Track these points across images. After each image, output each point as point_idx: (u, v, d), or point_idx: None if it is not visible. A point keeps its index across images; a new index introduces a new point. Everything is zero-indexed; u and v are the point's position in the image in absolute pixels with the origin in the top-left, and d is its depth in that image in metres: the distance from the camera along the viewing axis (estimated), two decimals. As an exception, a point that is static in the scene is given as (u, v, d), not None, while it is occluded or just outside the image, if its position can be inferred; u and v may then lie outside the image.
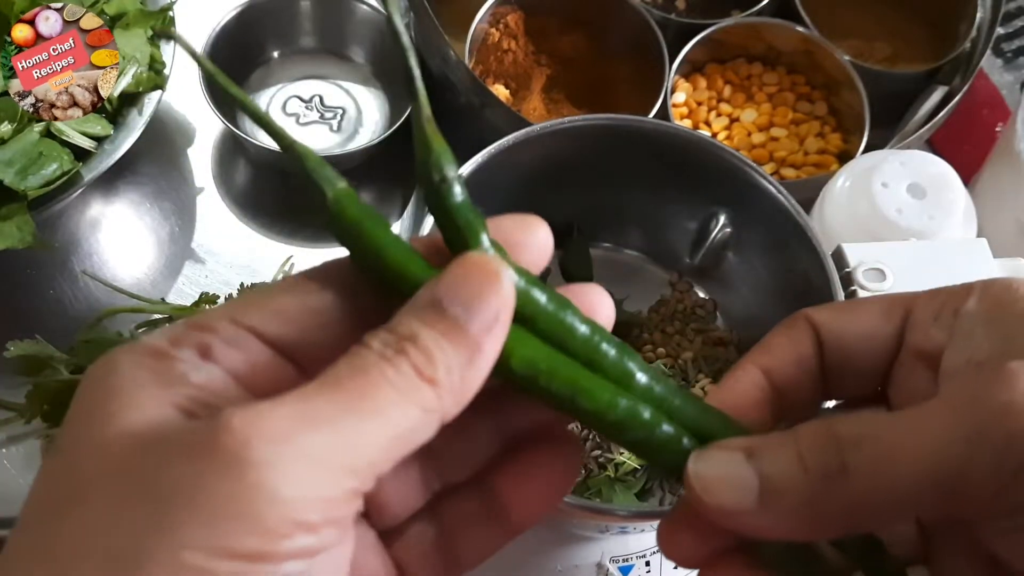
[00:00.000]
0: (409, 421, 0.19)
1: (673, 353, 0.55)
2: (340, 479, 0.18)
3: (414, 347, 0.20)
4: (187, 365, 0.20)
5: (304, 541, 0.18)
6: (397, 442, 0.19)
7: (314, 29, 0.75)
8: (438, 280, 0.21)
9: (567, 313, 0.23)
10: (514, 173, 0.50)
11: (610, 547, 0.52)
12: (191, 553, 0.17)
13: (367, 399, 0.19)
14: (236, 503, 0.18)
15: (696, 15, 0.76)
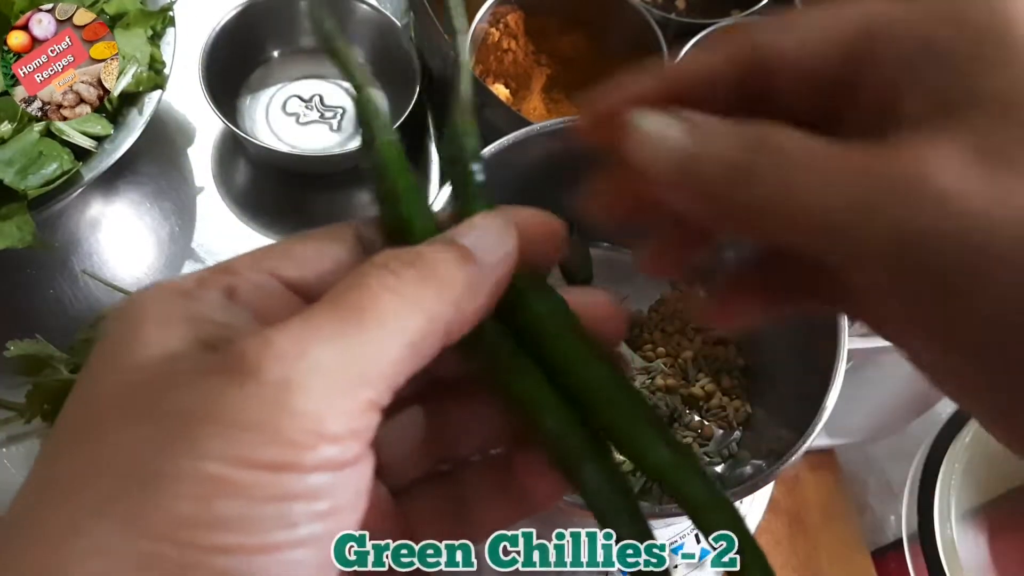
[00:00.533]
0: (415, 327, 0.20)
1: (673, 352, 0.55)
2: (355, 389, 0.19)
3: (419, 259, 0.20)
4: (212, 305, 0.21)
5: (328, 452, 0.18)
6: (407, 351, 0.19)
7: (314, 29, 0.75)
8: (451, 228, 0.22)
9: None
10: (514, 173, 0.50)
11: (610, 546, 0.52)
12: (212, 463, 0.18)
13: (367, 309, 0.19)
14: (255, 415, 0.18)
15: (696, 15, 0.76)
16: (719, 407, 0.54)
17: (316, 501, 0.18)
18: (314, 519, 0.18)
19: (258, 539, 0.18)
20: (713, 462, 0.52)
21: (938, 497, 0.58)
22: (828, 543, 0.67)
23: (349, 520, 0.19)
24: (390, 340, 0.19)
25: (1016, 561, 0.61)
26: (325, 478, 0.18)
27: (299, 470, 0.18)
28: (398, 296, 0.20)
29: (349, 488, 0.19)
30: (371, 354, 0.19)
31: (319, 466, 0.18)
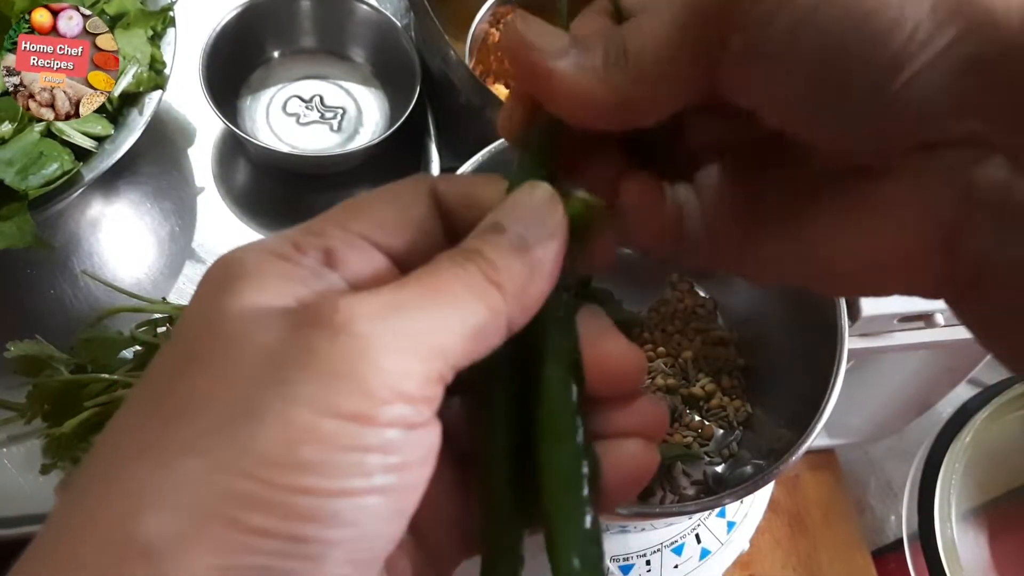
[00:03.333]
0: (479, 317, 0.21)
1: (673, 352, 0.55)
2: (429, 358, 0.20)
3: (480, 257, 0.22)
4: (309, 271, 0.22)
5: (403, 410, 0.20)
6: (471, 336, 0.21)
7: (314, 29, 0.75)
8: (499, 207, 0.23)
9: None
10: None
11: (610, 546, 0.52)
12: (301, 409, 0.19)
13: (443, 293, 0.21)
14: (344, 365, 0.19)
15: (696, 15, 0.76)
16: (719, 407, 0.54)
17: (390, 454, 0.20)
18: (387, 471, 0.20)
19: (336, 484, 0.19)
20: (713, 462, 0.52)
21: (938, 497, 0.58)
22: (828, 543, 0.67)
23: (419, 476, 0.21)
24: (458, 323, 0.21)
25: (1016, 561, 0.61)
26: (398, 434, 0.20)
27: (377, 423, 0.19)
28: (467, 289, 0.21)
29: (420, 447, 0.20)
30: (443, 330, 0.21)
31: (394, 422, 0.20)
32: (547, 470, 0.23)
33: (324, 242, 0.22)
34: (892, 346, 0.50)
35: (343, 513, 0.19)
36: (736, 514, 0.55)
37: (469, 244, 0.22)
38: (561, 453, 0.23)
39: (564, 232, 0.23)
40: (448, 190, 0.24)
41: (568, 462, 0.23)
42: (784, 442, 0.44)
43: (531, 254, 0.22)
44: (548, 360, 0.24)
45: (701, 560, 0.53)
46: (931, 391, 0.60)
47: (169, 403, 0.20)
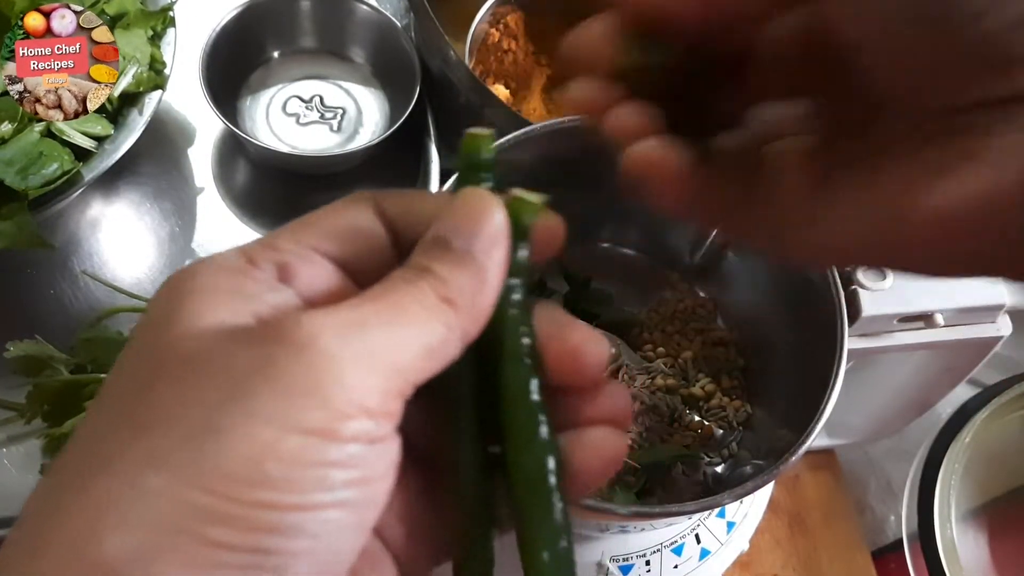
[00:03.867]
0: (436, 335, 0.22)
1: (673, 353, 0.55)
2: (389, 374, 0.21)
3: (430, 275, 0.22)
4: (265, 285, 0.22)
5: (365, 425, 0.20)
6: (428, 353, 0.22)
7: (314, 29, 0.75)
8: (442, 218, 0.23)
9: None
10: (514, 172, 0.50)
11: (610, 546, 0.52)
12: (265, 426, 0.19)
13: (400, 311, 0.22)
14: (307, 381, 0.20)
15: (696, 15, 0.76)
16: (719, 407, 0.54)
17: (352, 469, 0.20)
18: (349, 485, 0.20)
19: (299, 498, 0.19)
20: (713, 462, 0.52)
21: (938, 497, 0.58)
22: (828, 543, 0.67)
23: (380, 489, 0.21)
24: (416, 340, 0.21)
25: (1016, 561, 0.61)
26: (361, 449, 0.20)
27: (340, 438, 0.20)
28: (422, 307, 0.22)
29: (381, 461, 0.21)
30: (402, 348, 0.21)
31: (357, 437, 0.20)
32: (514, 468, 0.24)
33: (278, 256, 0.22)
34: (892, 346, 0.50)
35: (306, 526, 0.20)
36: (736, 514, 0.55)
37: (418, 261, 0.23)
38: (526, 451, 0.23)
39: (505, 237, 0.23)
40: (391, 204, 0.25)
41: (534, 459, 0.23)
42: (784, 442, 0.44)
43: (477, 265, 0.23)
44: (505, 360, 0.24)
45: (701, 560, 0.53)
46: (931, 391, 0.60)
47: (132, 419, 0.20)
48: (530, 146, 0.49)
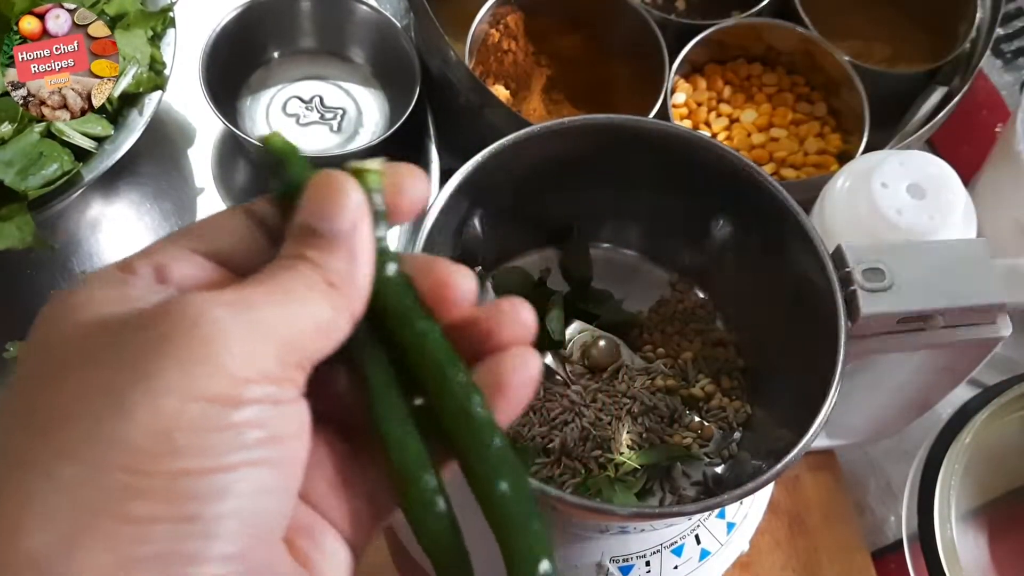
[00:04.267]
0: (323, 314, 0.23)
1: (673, 353, 0.55)
2: (282, 344, 0.22)
3: (305, 261, 0.23)
4: (144, 288, 0.23)
5: (266, 389, 0.21)
6: (317, 330, 0.23)
7: (314, 30, 0.75)
8: (302, 208, 0.24)
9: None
10: (514, 173, 0.50)
11: (610, 547, 0.52)
12: (168, 398, 0.20)
13: (285, 291, 0.23)
14: (203, 352, 0.20)
15: (696, 16, 0.77)
16: (719, 408, 0.54)
17: (260, 428, 0.21)
18: (261, 444, 0.21)
19: (212, 462, 0.20)
20: (713, 463, 0.52)
21: (938, 498, 0.58)
22: (828, 544, 0.67)
23: (295, 450, 0.22)
24: (305, 318, 0.22)
25: (1016, 562, 0.61)
26: (265, 410, 0.21)
27: (242, 402, 0.21)
28: (307, 287, 0.23)
29: (290, 421, 0.22)
30: (293, 322, 0.22)
31: (259, 399, 0.21)
32: (443, 415, 0.24)
33: (154, 260, 0.23)
34: (891, 347, 0.50)
35: (225, 488, 0.20)
36: (736, 515, 0.55)
37: (290, 250, 0.24)
38: (447, 394, 0.24)
39: (366, 211, 0.24)
40: (258, 206, 0.26)
41: (455, 400, 0.24)
42: (784, 443, 0.44)
43: (347, 245, 0.23)
44: (398, 319, 0.25)
45: (701, 561, 0.53)
46: (931, 392, 0.60)
47: (39, 417, 0.21)
48: (530, 147, 0.49)
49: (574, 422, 0.51)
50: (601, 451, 0.50)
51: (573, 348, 0.54)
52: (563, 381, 0.53)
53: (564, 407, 0.51)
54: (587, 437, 0.51)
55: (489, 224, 0.53)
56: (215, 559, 0.20)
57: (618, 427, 0.51)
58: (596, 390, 0.52)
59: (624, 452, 0.50)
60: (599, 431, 0.50)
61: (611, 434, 0.51)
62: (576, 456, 0.50)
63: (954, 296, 0.49)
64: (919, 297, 0.49)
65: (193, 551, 0.20)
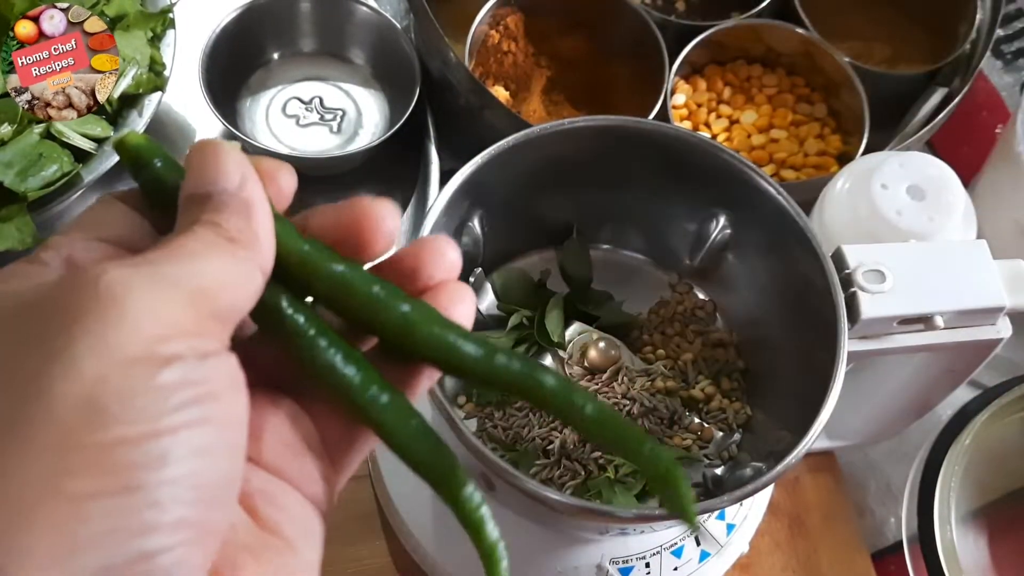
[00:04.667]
0: (229, 267, 0.22)
1: (673, 355, 0.55)
2: (195, 299, 0.21)
3: (204, 223, 0.23)
4: (50, 271, 0.22)
5: (187, 343, 0.20)
6: (228, 284, 0.22)
7: (314, 31, 0.75)
8: (185, 181, 0.24)
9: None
10: (514, 174, 0.50)
11: (610, 549, 0.52)
12: (87, 368, 0.19)
13: (188, 251, 0.22)
14: (114, 314, 0.20)
15: (696, 17, 0.77)
16: (719, 409, 0.54)
17: (193, 387, 0.20)
18: (197, 402, 0.20)
19: (146, 427, 0.19)
20: (713, 464, 0.52)
21: (938, 499, 0.58)
22: (828, 545, 0.67)
23: (233, 405, 0.22)
24: (213, 273, 0.22)
25: (1016, 563, 0.61)
26: (193, 366, 0.20)
27: (165, 359, 0.20)
28: (206, 245, 0.22)
29: (221, 375, 0.21)
30: (200, 277, 0.22)
31: (182, 355, 0.20)
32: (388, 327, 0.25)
33: (60, 251, 0.23)
34: (892, 348, 0.50)
35: (164, 453, 0.19)
36: (736, 516, 0.55)
37: (185, 219, 0.23)
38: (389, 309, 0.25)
39: (251, 166, 0.24)
40: (129, 193, 0.26)
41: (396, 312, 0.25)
42: (784, 444, 0.44)
43: (240, 201, 0.23)
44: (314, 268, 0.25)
45: (701, 562, 0.53)
46: (931, 393, 0.60)
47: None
48: (530, 148, 0.49)
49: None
50: (601, 452, 0.50)
51: (573, 349, 0.54)
52: (563, 382, 0.53)
53: (564, 408, 0.51)
54: (587, 439, 0.51)
55: (489, 225, 0.53)
56: (165, 528, 0.19)
57: (618, 428, 0.51)
58: (596, 392, 0.52)
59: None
60: (599, 432, 0.50)
61: (611, 435, 0.51)
62: (576, 458, 0.50)
63: (954, 298, 0.49)
64: (919, 299, 0.49)
65: (141, 522, 0.19)
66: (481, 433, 0.52)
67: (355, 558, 0.60)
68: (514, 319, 0.54)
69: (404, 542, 0.54)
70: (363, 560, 0.60)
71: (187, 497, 0.20)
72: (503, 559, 0.25)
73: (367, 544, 0.60)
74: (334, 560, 0.61)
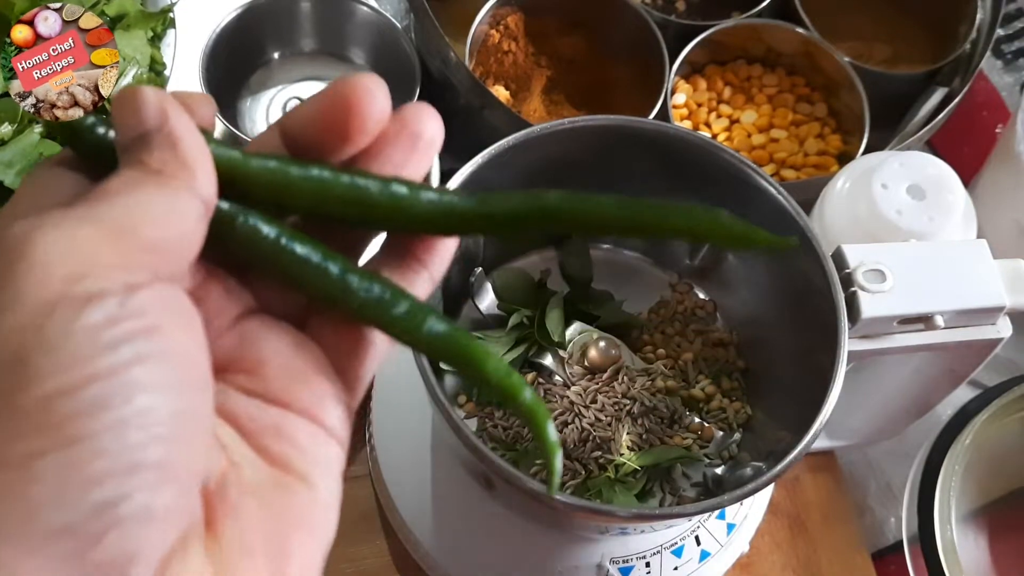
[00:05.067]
0: (156, 199, 0.21)
1: (673, 354, 0.55)
2: (114, 234, 0.20)
3: (130, 166, 0.22)
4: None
5: (109, 278, 0.19)
6: (158, 216, 0.21)
7: (314, 31, 0.75)
8: (115, 136, 0.23)
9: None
10: (514, 174, 0.50)
11: (610, 548, 0.52)
12: (2, 319, 0.18)
13: (108, 192, 0.21)
14: (21, 264, 0.19)
15: (696, 17, 0.77)
16: (719, 409, 0.54)
17: (121, 322, 0.19)
18: (128, 338, 0.19)
19: (78, 373, 0.18)
20: (713, 464, 0.52)
21: (938, 499, 0.58)
22: (828, 545, 0.67)
23: (182, 339, 0.20)
24: (134, 207, 0.21)
25: (1016, 563, 0.61)
26: (117, 302, 0.19)
27: (86, 300, 0.19)
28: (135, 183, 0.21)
29: (157, 308, 0.20)
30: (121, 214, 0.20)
31: (104, 292, 0.19)
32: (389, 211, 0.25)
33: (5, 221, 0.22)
34: (892, 348, 0.50)
35: (107, 396, 0.18)
36: (736, 516, 0.55)
37: (120, 164, 0.22)
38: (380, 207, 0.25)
39: (171, 99, 0.23)
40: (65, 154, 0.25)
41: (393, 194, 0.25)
42: (784, 444, 0.44)
43: (162, 135, 0.22)
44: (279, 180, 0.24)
45: (701, 562, 0.53)
46: (931, 393, 0.60)
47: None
48: (530, 148, 0.49)
49: (574, 423, 0.51)
50: (601, 452, 0.50)
51: (573, 349, 0.54)
52: (563, 382, 0.53)
53: (564, 408, 0.51)
54: (587, 438, 0.51)
55: (489, 225, 0.53)
56: (118, 474, 0.18)
57: (618, 428, 0.51)
58: (596, 391, 0.52)
59: (624, 453, 0.50)
60: (599, 432, 0.50)
61: (611, 435, 0.51)
62: (576, 457, 0.50)
63: (954, 297, 0.49)
64: (919, 298, 0.49)
65: (91, 473, 0.18)
66: (481, 433, 0.52)
67: (355, 558, 0.60)
68: (514, 319, 0.54)
69: (404, 542, 0.54)
70: (363, 560, 0.60)
71: (137, 439, 0.18)
72: (548, 418, 0.25)
73: (367, 544, 0.60)
74: (334, 560, 0.61)
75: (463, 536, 0.52)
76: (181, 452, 0.20)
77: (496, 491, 0.48)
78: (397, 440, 0.56)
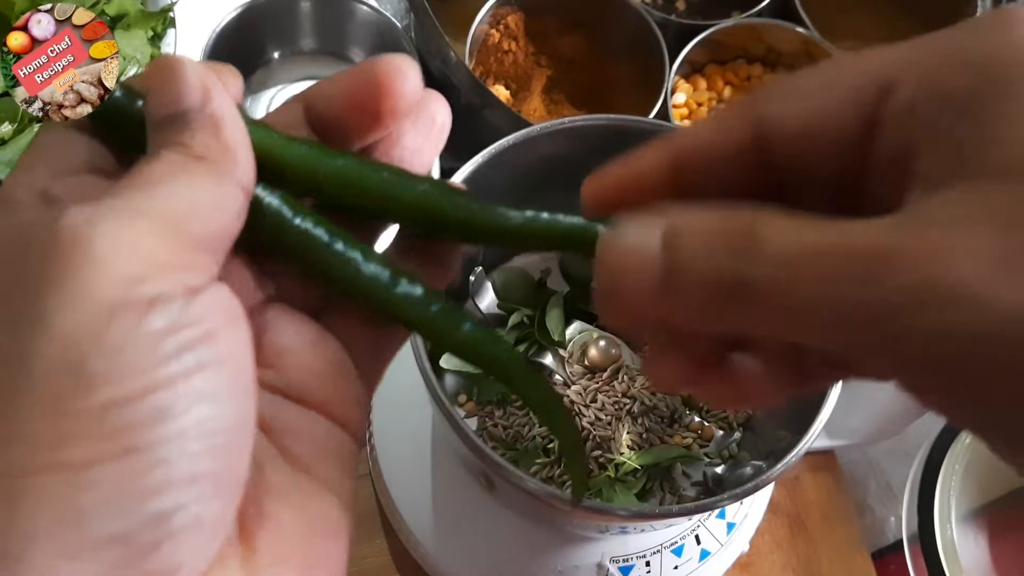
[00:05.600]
0: (202, 188, 0.20)
1: (673, 354, 0.55)
2: (167, 228, 0.19)
3: (171, 147, 0.21)
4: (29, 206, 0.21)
5: (169, 280, 0.19)
6: (203, 206, 0.20)
7: (314, 30, 0.75)
8: (148, 103, 0.22)
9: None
10: (514, 173, 0.50)
11: (610, 547, 0.52)
12: (59, 320, 0.17)
13: (155, 178, 0.20)
14: (79, 259, 0.18)
15: (696, 16, 0.77)
16: (719, 408, 0.54)
17: (182, 330, 0.18)
18: (190, 346, 0.18)
19: (139, 382, 0.18)
20: (713, 463, 0.52)
21: (938, 498, 0.58)
22: (828, 544, 0.67)
23: (235, 341, 0.20)
24: (184, 197, 0.20)
25: (1016, 563, 0.61)
26: (182, 307, 0.19)
27: (150, 304, 0.18)
28: (180, 169, 0.20)
29: (215, 312, 0.19)
30: (170, 202, 0.20)
31: (167, 295, 0.18)
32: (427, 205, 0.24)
33: (31, 189, 0.21)
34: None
35: (167, 407, 0.18)
36: (736, 515, 0.55)
37: (154, 143, 0.21)
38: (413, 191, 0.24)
39: (214, 77, 0.22)
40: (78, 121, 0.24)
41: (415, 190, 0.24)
42: (784, 443, 0.44)
43: (205, 116, 0.21)
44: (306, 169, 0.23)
45: (701, 561, 0.53)
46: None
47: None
48: (530, 147, 0.49)
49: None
50: (601, 451, 0.50)
51: (573, 348, 0.54)
52: (563, 381, 0.53)
53: (564, 407, 0.51)
54: (587, 437, 0.51)
55: (489, 224, 0.53)
56: (177, 485, 0.18)
57: (618, 427, 0.51)
58: (596, 390, 0.52)
59: (624, 452, 0.50)
60: (599, 431, 0.50)
61: (611, 434, 0.51)
62: (576, 456, 0.50)
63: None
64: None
65: (150, 483, 0.17)
66: (482, 432, 0.52)
67: (355, 557, 0.60)
68: (514, 318, 0.54)
69: (404, 541, 0.54)
70: (363, 559, 0.60)
71: (196, 449, 0.18)
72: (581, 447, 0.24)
73: (367, 543, 0.60)
74: (334, 559, 0.61)
75: (463, 536, 0.52)
76: (234, 459, 0.19)
77: (496, 490, 0.48)
78: (397, 440, 0.56)
